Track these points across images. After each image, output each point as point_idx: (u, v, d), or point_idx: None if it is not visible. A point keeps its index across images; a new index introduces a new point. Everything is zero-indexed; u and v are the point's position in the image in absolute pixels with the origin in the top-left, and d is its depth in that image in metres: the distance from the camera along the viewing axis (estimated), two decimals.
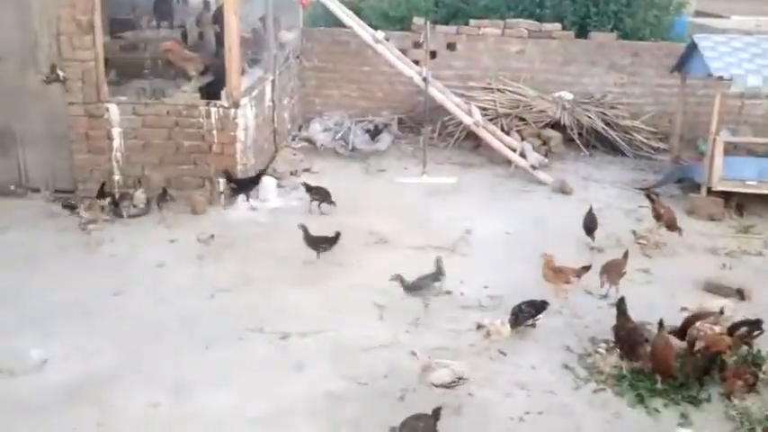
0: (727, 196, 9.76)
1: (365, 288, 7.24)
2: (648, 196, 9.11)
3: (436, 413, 4.85)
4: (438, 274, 6.86)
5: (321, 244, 7.82)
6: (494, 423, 5.30)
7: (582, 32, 13.83)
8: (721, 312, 6.39)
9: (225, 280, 7.43)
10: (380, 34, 12.10)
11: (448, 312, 6.88)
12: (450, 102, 11.83)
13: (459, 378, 5.35)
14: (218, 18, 10.10)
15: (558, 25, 13.44)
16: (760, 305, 6.97)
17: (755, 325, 6.14)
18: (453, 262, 7.98)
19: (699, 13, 36.56)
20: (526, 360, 6.10)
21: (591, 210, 8.64)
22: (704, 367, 5.60)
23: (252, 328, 6.51)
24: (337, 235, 7.88)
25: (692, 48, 10.36)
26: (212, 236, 8.11)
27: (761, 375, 5.72)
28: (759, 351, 6.11)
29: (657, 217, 8.67)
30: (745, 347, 6.14)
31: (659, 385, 5.65)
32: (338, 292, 7.27)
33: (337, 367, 5.97)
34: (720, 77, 9.35)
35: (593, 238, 8.44)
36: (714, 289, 7.43)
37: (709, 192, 9.79)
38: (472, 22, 13.54)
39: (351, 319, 6.71)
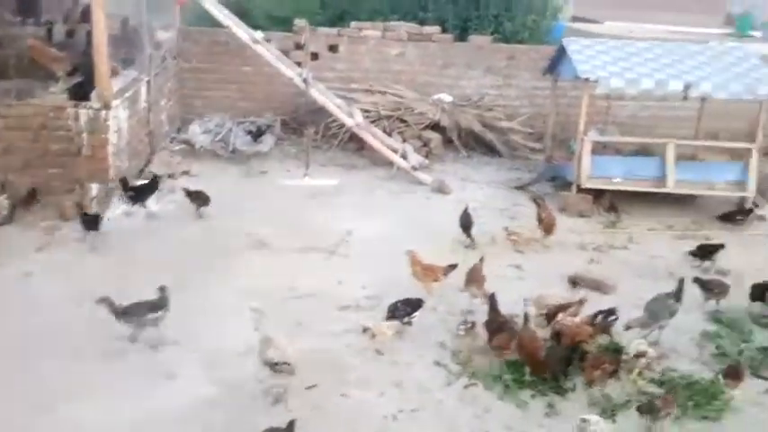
0: (598, 193, 10.24)
1: (243, 292, 7.10)
2: (535, 201, 9.37)
3: (290, 426, 4.80)
4: (159, 305, 6.20)
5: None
6: (367, 423, 5.31)
7: (464, 36, 14.20)
8: (581, 303, 6.69)
9: (97, 288, 7.10)
10: (259, 35, 11.97)
11: (327, 314, 6.86)
12: (332, 103, 11.84)
13: (285, 363, 5.41)
14: (88, 15, 9.67)
15: (437, 28, 13.72)
16: (624, 296, 7.34)
17: (610, 313, 6.45)
18: (333, 264, 8.04)
19: (576, 19, 38.30)
20: (402, 358, 6.16)
21: (467, 209, 8.86)
22: (566, 357, 5.84)
23: (123, 336, 6.25)
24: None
25: (562, 51, 10.83)
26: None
27: (623, 361, 6.00)
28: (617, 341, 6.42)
29: (540, 220, 8.95)
30: (606, 336, 6.44)
31: (527, 377, 5.84)
32: (215, 296, 7.10)
33: (210, 373, 5.83)
34: (587, 79, 9.80)
35: (468, 236, 8.65)
36: (581, 282, 7.77)
37: (579, 189, 10.24)
38: (353, 24, 13.61)
39: (227, 325, 6.56)
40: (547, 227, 8.85)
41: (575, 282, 6.94)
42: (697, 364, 6.38)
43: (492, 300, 6.39)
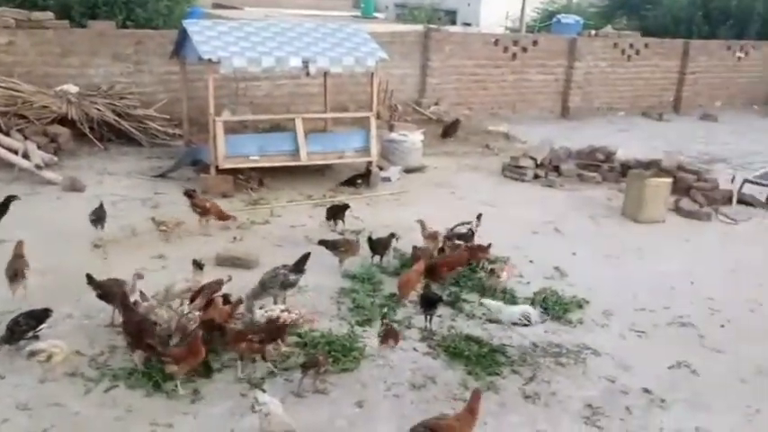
0: (239, 172, 10.32)
1: None
2: (187, 194, 8.98)
3: None
4: None
5: None
6: None
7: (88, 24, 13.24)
8: (230, 279, 6.71)
9: None
10: None
11: None
12: None
13: None
14: None
15: (49, 14, 12.61)
16: (267, 268, 7.47)
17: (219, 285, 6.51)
18: None
19: (216, 5, 38.34)
20: (25, 377, 5.54)
21: (101, 204, 8.33)
22: (206, 339, 5.78)
23: None
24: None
25: (185, 34, 10.64)
26: None
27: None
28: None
29: (204, 212, 8.68)
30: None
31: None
32: None
33: None
34: (210, 60, 9.77)
35: (100, 228, 8.16)
36: (225, 261, 7.79)
37: (219, 170, 10.24)
38: None
39: None
40: (218, 214, 8.72)
41: (199, 264, 6.88)
42: (337, 319, 6.79)
43: (124, 300, 6.03)
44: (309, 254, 7.10)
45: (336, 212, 9.02)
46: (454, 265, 7.63)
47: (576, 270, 8.31)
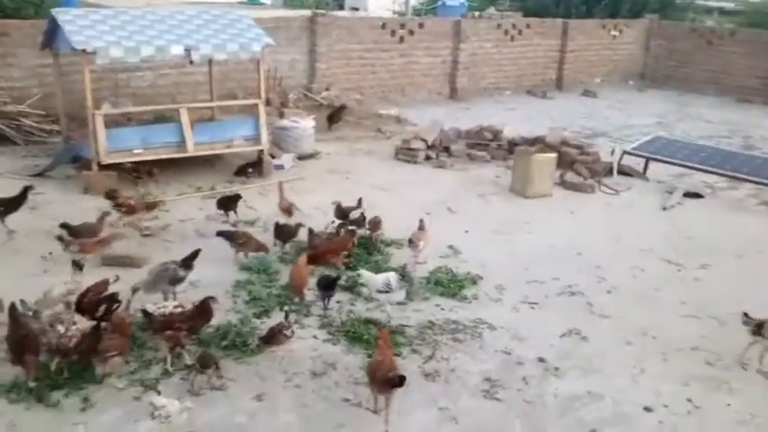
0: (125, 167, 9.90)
1: None
2: (109, 195, 8.60)
3: None
4: None
5: None
6: None
7: None
8: (117, 279, 6.42)
9: None
10: None
11: None
12: None
13: None
14: None
15: None
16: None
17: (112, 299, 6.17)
18: None
19: None
20: None
21: None
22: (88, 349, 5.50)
23: None
24: None
25: (55, 23, 10.06)
26: None
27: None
28: None
29: (130, 210, 8.35)
30: None
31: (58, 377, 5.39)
32: None
33: None
34: (84, 51, 9.28)
35: None
36: (111, 261, 7.46)
37: (102, 167, 9.77)
38: None
39: None
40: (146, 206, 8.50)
41: (79, 264, 6.56)
42: (233, 312, 6.63)
43: (13, 311, 5.63)
44: (200, 250, 6.93)
45: (227, 203, 8.81)
46: (337, 251, 7.60)
47: (469, 247, 8.48)
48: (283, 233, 7.97)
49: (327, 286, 6.73)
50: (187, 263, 6.77)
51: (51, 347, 5.42)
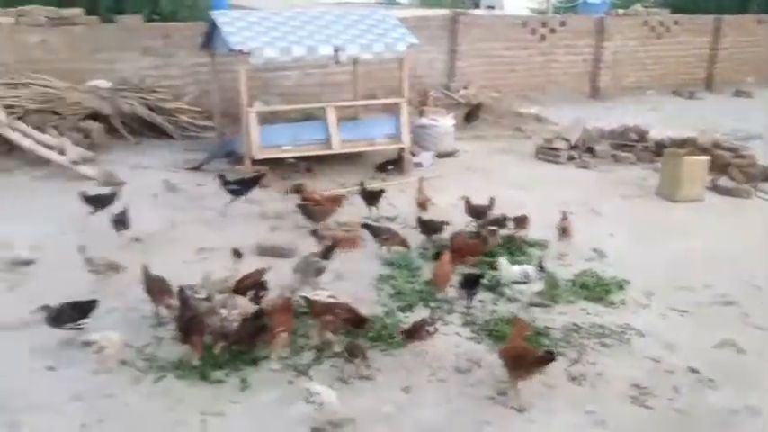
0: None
1: None
2: (296, 190, 9.02)
3: None
4: None
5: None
6: None
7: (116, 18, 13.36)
8: (269, 268, 6.75)
9: None
10: None
11: None
12: None
13: None
14: None
15: (79, 11, 12.73)
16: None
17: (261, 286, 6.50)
18: None
19: None
20: (77, 369, 5.64)
21: (125, 210, 8.15)
22: (252, 332, 5.82)
23: None
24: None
25: (214, 25, 10.67)
26: None
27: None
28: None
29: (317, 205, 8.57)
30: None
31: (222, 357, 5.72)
32: None
33: None
34: (240, 51, 9.79)
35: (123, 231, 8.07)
36: (265, 251, 7.83)
37: (254, 162, 10.27)
38: None
39: None
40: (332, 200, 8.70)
41: (238, 253, 6.97)
42: (377, 305, 6.80)
43: (182, 294, 6.08)
44: (337, 243, 7.23)
45: (371, 197, 9.03)
46: (465, 254, 7.51)
47: (615, 251, 8.23)
48: (428, 228, 8.08)
49: (471, 284, 6.76)
50: (326, 255, 7.03)
51: (215, 330, 5.78)
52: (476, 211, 8.48)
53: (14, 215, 8.80)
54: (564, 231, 8.04)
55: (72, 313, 5.87)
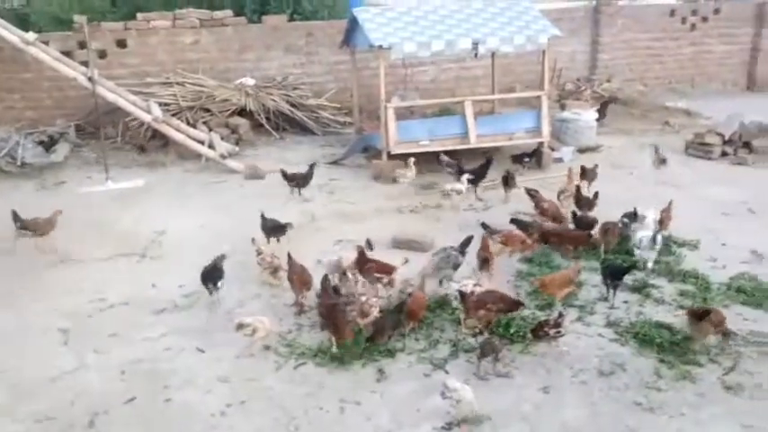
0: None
1: (48, 312, 6.57)
2: (529, 193, 8.67)
3: None
4: None
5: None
6: (193, 424, 5.04)
7: (262, 19, 13.90)
8: (406, 261, 6.78)
9: None
10: (31, 36, 11.01)
11: (142, 320, 6.45)
12: (125, 101, 11.19)
13: None
14: None
15: (228, 12, 13.33)
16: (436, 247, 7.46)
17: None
18: (145, 267, 7.59)
19: None
20: (226, 352, 5.89)
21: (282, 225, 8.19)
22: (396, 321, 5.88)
23: None
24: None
25: (354, 22, 10.84)
26: None
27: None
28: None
29: (542, 212, 8.31)
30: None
31: (359, 348, 5.79)
32: (17, 319, 6.48)
33: (16, 406, 5.28)
34: (380, 46, 9.87)
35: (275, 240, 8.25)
36: (401, 244, 7.86)
37: (390, 156, 10.34)
38: (140, 16, 12.92)
39: (32, 349, 6.01)
40: (555, 215, 8.21)
41: (370, 244, 7.16)
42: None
43: (324, 282, 6.21)
44: (472, 237, 7.15)
45: (508, 180, 9.10)
46: (564, 240, 7.58)
47: None
48: (583, 224, 7.82)
49: (616, 275, 6.55)
50: (462, 249, 6.98)
51: (357, 313, 5.91)
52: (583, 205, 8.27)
53: (171, 207, 9.36)
54: (662, 223, 7.74)
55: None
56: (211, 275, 6.54)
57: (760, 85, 16.52)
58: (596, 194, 8.49)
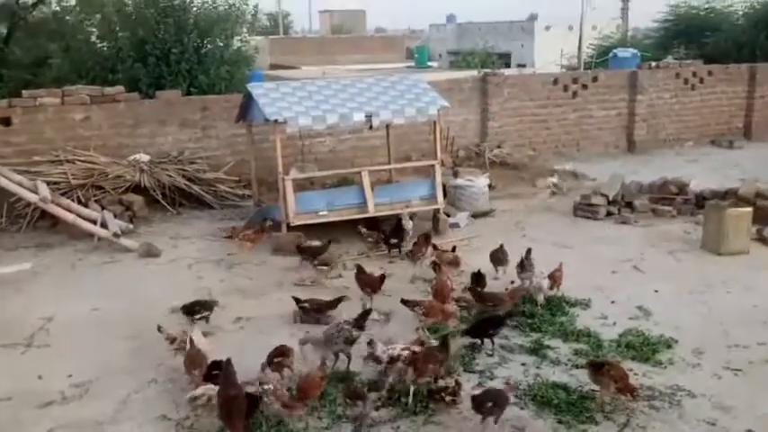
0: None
1: None
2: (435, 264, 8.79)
3: None
4: None
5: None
6: None
7: (156, 94, 13.78)
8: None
9: None
10: None
11: (26, 416, 6.06)
12: (9, 181, 10.73)
13: None
14: None
15: (120, 88, 13.14)
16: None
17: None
18: (30, 357, 7.18)
19: (274, 66, 39.47)
20: None
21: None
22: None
23: None
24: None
25: (250, 97, 10.92)
26: None
27: None
28: None
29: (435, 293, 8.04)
30: None
31: None
32: None
33: None
34: (275, 121, 9.97)
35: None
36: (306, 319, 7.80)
37: (290, 228, 10.32)
38: (25, 93, 12.55)
39: None
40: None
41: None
42: None
43: (228, 366, 5.89)
44: (371, 310, 7.24)
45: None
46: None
47: (661, 308, 8.01)
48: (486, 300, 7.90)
49: (495, 325, 7.03)
50: (359, 323, 6.83)
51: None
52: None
53: (61, 290, 8.95)
54: (554, 280, 8.14)
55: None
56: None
57: (639, 147, 17.62)
58: (479, 272, 8.45)
